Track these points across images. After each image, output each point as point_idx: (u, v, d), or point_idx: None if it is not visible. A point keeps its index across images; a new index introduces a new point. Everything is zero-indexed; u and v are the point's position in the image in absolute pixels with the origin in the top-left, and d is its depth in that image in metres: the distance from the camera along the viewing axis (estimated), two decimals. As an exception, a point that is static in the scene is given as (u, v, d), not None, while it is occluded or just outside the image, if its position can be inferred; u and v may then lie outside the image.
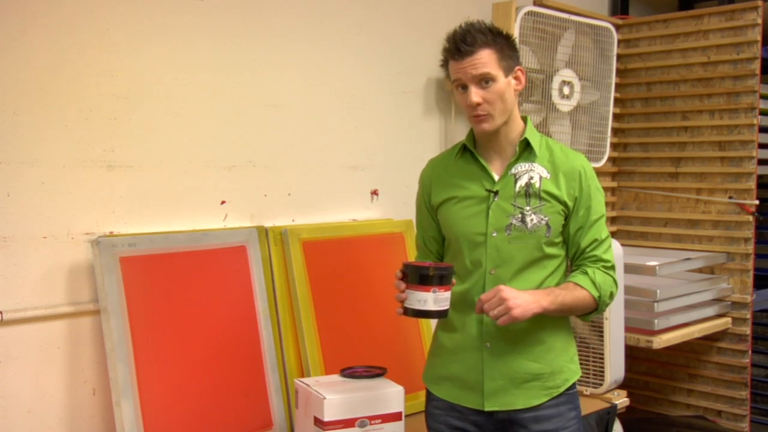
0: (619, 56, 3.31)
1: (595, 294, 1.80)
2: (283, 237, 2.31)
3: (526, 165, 1.83)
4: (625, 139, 3.53)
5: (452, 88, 1.85)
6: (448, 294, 1.74)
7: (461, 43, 1.76)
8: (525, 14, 2.77)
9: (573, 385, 1.89)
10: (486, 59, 1.76)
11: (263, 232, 2.29)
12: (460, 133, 2.86)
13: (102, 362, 2.00)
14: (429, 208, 1.96)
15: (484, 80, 1.76)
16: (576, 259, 1.87)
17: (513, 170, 1.83)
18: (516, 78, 1.82)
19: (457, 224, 1.86)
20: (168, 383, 2.00)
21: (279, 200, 2.40)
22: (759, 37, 3.11)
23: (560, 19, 2.88)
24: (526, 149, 1.85)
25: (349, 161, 2.58)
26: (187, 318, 2.07)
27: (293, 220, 2.43)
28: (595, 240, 1.84)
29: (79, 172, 1.98)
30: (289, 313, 2.29)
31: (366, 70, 2.61)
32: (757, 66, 3.12)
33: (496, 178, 1.84)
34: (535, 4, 2.92)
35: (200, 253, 2.13)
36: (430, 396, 1.96)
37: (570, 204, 1.83)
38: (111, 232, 2.04)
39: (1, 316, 1.85)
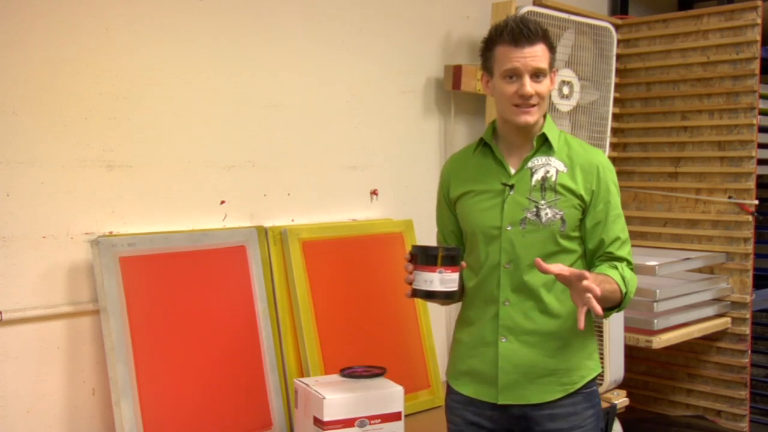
0: (618, 56, 3.31)
1: (623, 289, 1.78)
2: (282, 237, 2.31)
3: (543, 159, 1.84)
4: (625, 139, 3.53)
5: (494, 77, 1.81)
6: (455, 275, 1.72)
7: (526, 29, 1.75)
8: (524, 14, 2.77)
9: (591, 382, 1.87)
10: (543, 54, 1.78)
11: (263, 232, 2.29)
12: (459, 133, 2.87)
13: (101, 362, 2.00)
14: (448, 202, 1.97)
15: (538, 75, 1.77)
16: (599, 256, 1.85)
17: (530, 164, 1.84)
18: (551, 80, 1.83)
19: (473, 217, 1.87)
20: (167, 383, 2.00)
21: (278, 200, 2.40)
22: (758, 37, 3.11)
23: (560, 18, 2.88)
24: (544, 144, 1.85)
25: (349, 161, 2.58)
26: (187, 318, 2.07)
27: (293, 220, 2.43)
28: (618, 238, 1.84)
29: (79, 172, 1.98)
30: (289, 313, 2.29)
31: (366, 70, 2.61)
32: (756, 66, 3.12)
33: (513, 171, 1.84)
34: (534, 4, 2.91)
35: (200, 253, 2.13)
36: (450, 389, 1.96)
37: (587, 198, 1.82)
38: (110, 232, 2.04)
39: (1, 316, 1.85)
